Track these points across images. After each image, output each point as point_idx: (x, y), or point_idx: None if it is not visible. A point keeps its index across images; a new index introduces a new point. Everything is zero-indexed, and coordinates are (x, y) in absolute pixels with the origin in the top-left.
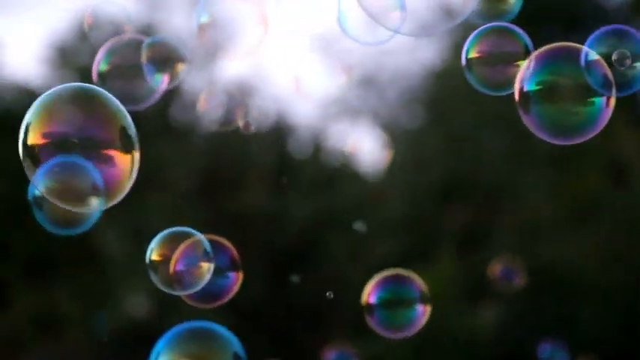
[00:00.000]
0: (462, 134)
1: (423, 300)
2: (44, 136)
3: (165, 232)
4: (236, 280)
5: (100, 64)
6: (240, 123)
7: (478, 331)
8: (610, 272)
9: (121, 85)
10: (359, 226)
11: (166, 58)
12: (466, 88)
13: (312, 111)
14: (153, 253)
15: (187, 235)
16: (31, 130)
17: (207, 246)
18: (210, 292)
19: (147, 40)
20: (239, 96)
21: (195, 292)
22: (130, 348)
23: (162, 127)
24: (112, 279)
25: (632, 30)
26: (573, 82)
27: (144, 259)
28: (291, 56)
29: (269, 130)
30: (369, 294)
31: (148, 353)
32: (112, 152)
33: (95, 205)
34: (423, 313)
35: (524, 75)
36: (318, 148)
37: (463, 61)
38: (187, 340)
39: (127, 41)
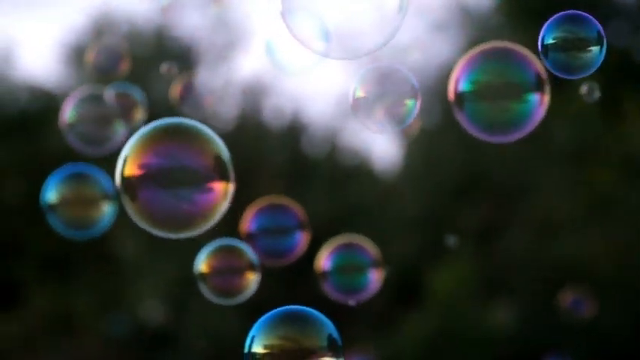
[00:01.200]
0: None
1: (376, 265)
2: (141, 167)
3: (212, 244)
4: (303, 239)
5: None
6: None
7: (494, 329)
8: (626, 269)
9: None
10: (451, 240)
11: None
12: None
13: (326, 109)
14: (201, 265)
15: (232, 248)
16: (129, 162)
17: (253, 257)
18: (278, 251)
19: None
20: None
21: (266, 252)
22: (145, 348)
23: None
24: (127, 279)
25: (587, 15)
26: (506, 80)
27: (158, 258)
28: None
29: (284, 128)
30: (323, 261)
31: (162, 353)
32: (208, 182)
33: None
34: (375, 278)
35: (457, 75)
36: (333, 146)
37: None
38: (282, 323)
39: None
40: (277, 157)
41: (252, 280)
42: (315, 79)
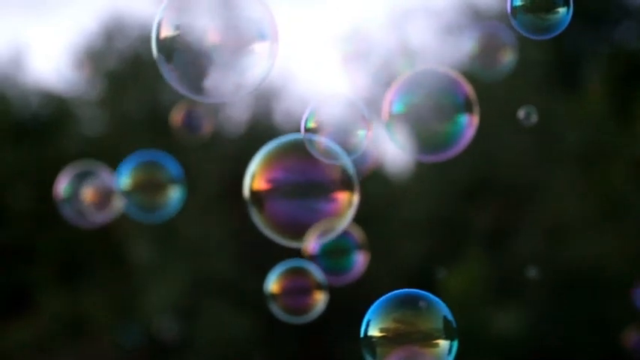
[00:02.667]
0: (489, 133)
1: (360, 248)
2: (268, 182)
3: (281, 265)
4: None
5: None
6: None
7: (505, 330)
8: (637, 270)
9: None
10: (532, 272)
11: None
12: (493, 88)
13: (337, 112)
14: (272, 285)
15: (301, 269)
16: (256, 177)
17: (321, 277)
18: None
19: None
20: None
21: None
22: (158, 353)
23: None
24: (139, 283)
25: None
26: (436, 102)
27: (170, 263)
28: (317, 58)
29: (295, 131)
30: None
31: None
32: (333, 193)
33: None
34: (360, 260)
35: (390, 97)
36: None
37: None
38: (397, 306)
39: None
40: None
41: (320, 299)
42: (326, 83)
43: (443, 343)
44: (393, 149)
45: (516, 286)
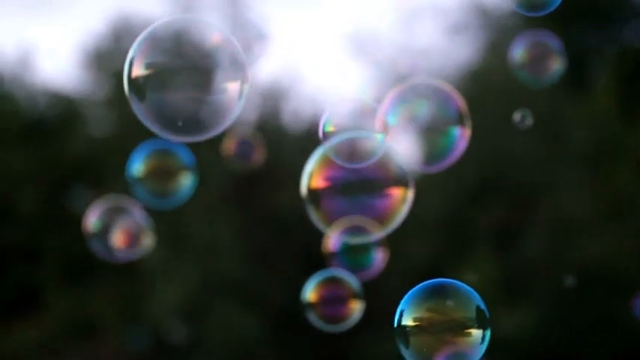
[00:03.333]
0: (497, 133)
1: (380, 245)
2: (325, 180)
3: (318, 275)
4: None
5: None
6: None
7: (515, 331)
8: None
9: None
10: (569, 281)
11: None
12: (500, 87)
13: (345, 112)
14: (309, 294)
15: (337, 279)
16: (313, 176)
17: (357, 287)
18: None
19: None
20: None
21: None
22: (164, 355)
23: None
24: (148, 284)
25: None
26: (429, 115)
27: (179, 264)
28: (327, 57)
29: (303, 132)
30: (331, 243)
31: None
32: (387, 189)
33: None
34: (380, 257)
35: (384, 108)
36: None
37: None
38: (430, 296)
39: None
40: (296, 160)
41: (356, 308)
42: (334, 83)
43: (476, 332)
44: (399, 148)
45: (525, 286)
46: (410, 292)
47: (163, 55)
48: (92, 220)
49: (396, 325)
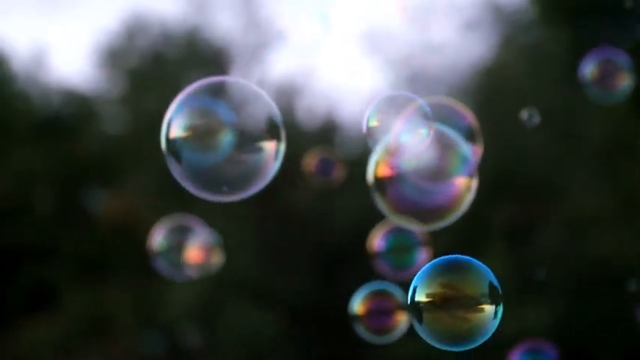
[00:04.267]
0: (510, 129)
1: (423, 244)
2: (391, 168)
3: (365, 288)
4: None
5: None
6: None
7: (527, 329)
8: None
9: None
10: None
11: None
12: (514, 84)
13: (360, 108)
14: (356, 306)
15: (384, 291)
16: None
17: (403, 299)
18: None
19: None
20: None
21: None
22: (179, 356)
23: None
24: (164, 282)
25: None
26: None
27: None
28: (340, 54)
29: (317, 128)
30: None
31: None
32: (452, 178)
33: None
34: (423, 256)
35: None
36: (366, 145)
37: None
38: (443, 272)
39: None
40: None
41: (403, 320)
42: (348, 79)
43: (488, 308)
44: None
45: (537, 283)
46: (423, 268)
47: (200, 116)
48: (157, 239)
49: (409, 301)
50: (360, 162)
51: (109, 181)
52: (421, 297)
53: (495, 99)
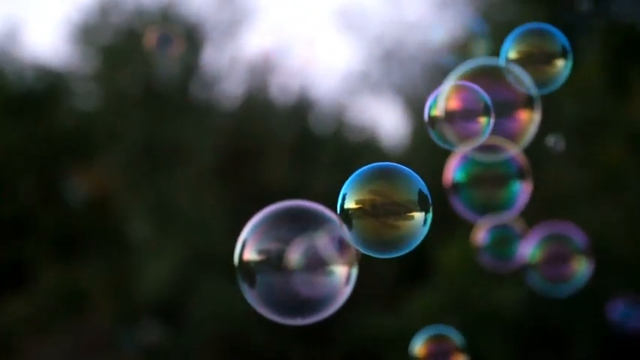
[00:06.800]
0: None
1: (522, 237)
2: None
3: (425, 331)
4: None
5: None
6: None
7: (502, 305)
8: (635, 243)
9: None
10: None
11: None
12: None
13: (334, 86)
14: (417, 349)
15: (443, 336)
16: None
17: (462, 342)
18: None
19: None
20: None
21: None
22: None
23: (183, 104)
24: (137, 258)
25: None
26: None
27: (167, 239)
28: (314, 31)
29: (291, 105)
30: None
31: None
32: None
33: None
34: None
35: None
36: (340, 122)
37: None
38: (372, 178)
39: None
40: (284, 134)
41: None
42: (322, 56)
43: (418, 215)
44: (388, 122)
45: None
46: (352, 175)
47: (273, 241)
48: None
49: (339, 210)
50: (332, 138)
51: (82, 157)
52: (351, 204)
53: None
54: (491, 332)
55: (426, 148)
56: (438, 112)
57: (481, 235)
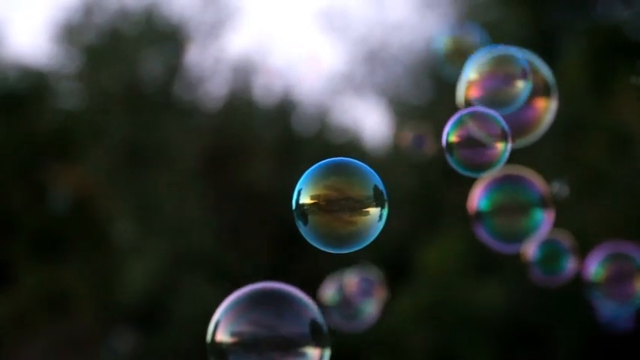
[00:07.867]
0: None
1: (571, 252)
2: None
3: None
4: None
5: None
6: None
7: (484, 305)
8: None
9: None
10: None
11: None
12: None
13: (317, 87)
14: None
15: None
16: None
17: None
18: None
19: None
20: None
21: None
22: (135, 323)
23: (166, 105)
24: (120, 259)
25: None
26: (516, 200)
27: (150, 239)
28: (298, 32)
29: (274, 106)
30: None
31: (151, 330)
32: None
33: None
34: (572, 263)
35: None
36: (323, 123)
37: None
38: (327, 174)
39: None
40: (267, 134)
41: None
42: (305, 57)
43: (373, 211)
44: (370, 123)
45: (496, 261)
46: (307, 171)
47: (247, 324)
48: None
49: (294, 205)
50: (315, 139)
51: (65, 157)
52: (306, 199)
53: (451, 77)
54: (474, 333)
55: (407, 149)
56: (456, 138)
57: (531, 250)
